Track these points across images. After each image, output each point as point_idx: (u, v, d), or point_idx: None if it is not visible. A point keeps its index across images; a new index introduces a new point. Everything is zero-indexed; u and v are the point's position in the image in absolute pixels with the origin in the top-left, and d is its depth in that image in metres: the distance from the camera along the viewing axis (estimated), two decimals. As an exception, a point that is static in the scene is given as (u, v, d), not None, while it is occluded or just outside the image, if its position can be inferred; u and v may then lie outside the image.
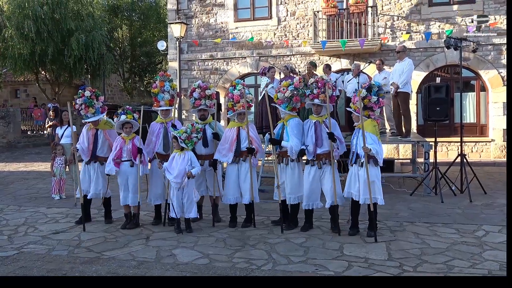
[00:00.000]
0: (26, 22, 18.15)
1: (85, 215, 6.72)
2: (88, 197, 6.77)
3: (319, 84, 6.08)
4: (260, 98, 12.20)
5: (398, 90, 9.31)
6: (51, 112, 13.48)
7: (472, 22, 13.21)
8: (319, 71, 12.02)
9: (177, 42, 13.75)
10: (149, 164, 6.82)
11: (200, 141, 6.42)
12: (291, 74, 10.08)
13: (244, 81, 16.06)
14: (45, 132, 13.39)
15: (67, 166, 9.14)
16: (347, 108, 6.37)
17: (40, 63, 20.13)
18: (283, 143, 6.16)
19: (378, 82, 6.07)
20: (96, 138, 6.74)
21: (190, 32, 16.02)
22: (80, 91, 6.69)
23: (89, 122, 6.73)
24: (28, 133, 21.28)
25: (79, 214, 7.26)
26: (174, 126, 6.50)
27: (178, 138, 6.05)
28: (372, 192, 5.67)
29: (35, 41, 18.58)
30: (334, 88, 6.29)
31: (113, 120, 6.83)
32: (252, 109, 9.37)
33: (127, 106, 6.77)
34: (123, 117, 6.39)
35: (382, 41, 14.04)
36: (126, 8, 27.88)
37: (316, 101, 6.10)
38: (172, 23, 13.99)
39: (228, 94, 6.54)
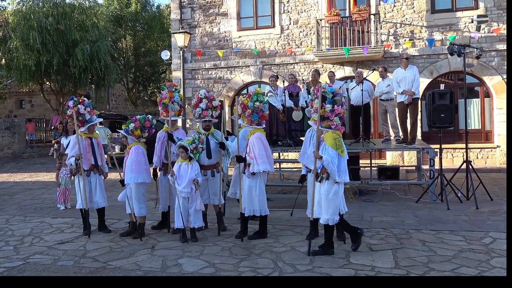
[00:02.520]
0: (31, 33, 18.30)
1: (87, 224, 6.72)
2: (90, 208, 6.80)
3: (315, 92, 5.77)
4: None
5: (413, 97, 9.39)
6: (58, 125, 13.37)
7: (472, 22, 13.23)
8: (323, 79, 12.05)
9: (180, 52, 13.82)
10: (158, 172, 6.93)
11: (204, 151, 6.47)
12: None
13: (247, 90, 16.13)
14: (51, 149, 13.27)
15: (72, 176, 9.15)
16: (308, 122, 6.14)
17: (45, 73, 20.26)
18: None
19: (333, 88, 5.59)
20: (93, 147, 6.83)
21: (194, 41, 16.12)
22: (74, 100, 6.80)
23: (92, 125, 6.86)
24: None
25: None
26: (171, 136, 6.53)
27: (188, 148, 6.08)
28: (324, 210, 5.35)
29: (40, 52, 18.72)
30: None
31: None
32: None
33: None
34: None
35: (385, 49, 14.06)
36: (130, 18, 28.09)
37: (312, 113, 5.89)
38: (176, 33, 14.07)
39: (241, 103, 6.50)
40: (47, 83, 22.26)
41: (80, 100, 6.84)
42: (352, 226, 5.73)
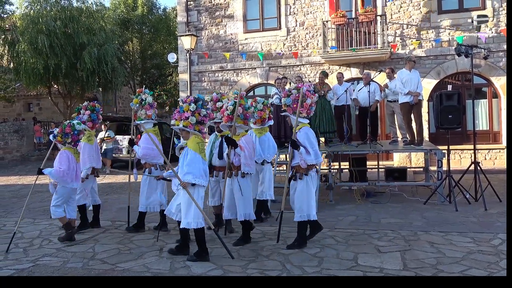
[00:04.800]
0: (39, 37, 18.43)
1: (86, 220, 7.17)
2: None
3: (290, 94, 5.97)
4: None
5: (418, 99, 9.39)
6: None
7: (473, 22, 13.17)
8: (330, 80, 12.04)
9: (187, 54, 13.87)
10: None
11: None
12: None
13: (254, 91, 16.16)
14: None
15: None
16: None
17: (53, 77, 20.40)
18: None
19: (201, 96, 5.67)
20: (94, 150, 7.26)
21: (200, 44, 16.17)
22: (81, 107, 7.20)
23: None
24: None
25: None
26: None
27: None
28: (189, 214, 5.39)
29: (48, 56, 18.85)
30: (312, 95, 5.95)
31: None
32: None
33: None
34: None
35: (392, 50, 14.03)
36: (136, 21, 28.19)
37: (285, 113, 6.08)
38: (182, 35, 14.14)
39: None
40: (55, 86, 22.41)
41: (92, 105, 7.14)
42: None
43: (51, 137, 6.64)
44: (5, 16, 22.21)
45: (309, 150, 5.73)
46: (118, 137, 15.77)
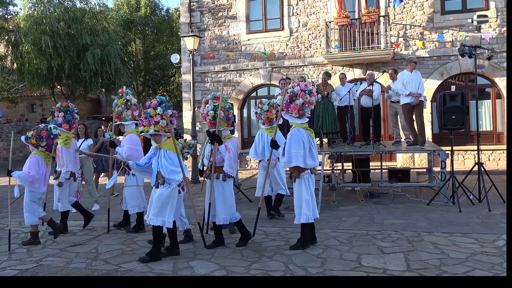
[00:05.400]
0: (43, 38, 18.48)
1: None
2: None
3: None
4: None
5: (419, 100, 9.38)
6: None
7: (472, 22, 13.12)
8: (333, 81, 12.03)
9: (190, 55, 13.87)
10: None
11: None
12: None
13: (257, 92, 16.17)
14: None
15: (83, 180, 9.25)
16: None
17: (56, 77, 20.45)
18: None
19: (162, 98, 5.61)
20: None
21: (203, 44, 16.18)
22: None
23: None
24: None
25: (96, 227, 7.37)
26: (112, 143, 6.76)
27: None
28: (158, 211, 5.41)
29: (52, 56, 18.90)
30: (307, 95, 5.85)
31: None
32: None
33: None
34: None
35: (395, 50, 14.01)
36: (139, 22, 28.22)
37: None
38: (185, 36, 14.13)
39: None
40: (58, 87, 22.47)
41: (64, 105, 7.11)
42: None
43: (22, 138, 6.53)
44: (9, 17, 22.28)
45: (285, 152, 5.77)
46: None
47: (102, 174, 10.94)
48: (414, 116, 9.69)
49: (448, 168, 8.54)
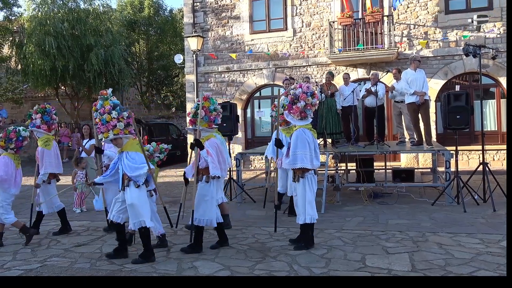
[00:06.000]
0: (47, 38, 18.54)
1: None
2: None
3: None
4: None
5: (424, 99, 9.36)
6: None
7: (472, 22, 13.08)
8: (336, 81, 12.01)
9: (193, 55, 13.89)
10: None
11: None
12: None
13: (260, 92, 16.16)
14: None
15: (88, 180, 9.25)
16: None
17: (60, 78, 20.51)
18: None
19: (116, 101, 5.52)
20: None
21: (207, 45, 16.20)
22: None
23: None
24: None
25: (100, 227, 7.38)
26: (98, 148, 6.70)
27: None
28: (134, 215, 5.38)
29: (56, 57, 18.96)
30: (310, 97, 5.80)
31: None
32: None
33: None
34: None
35: (399, 50, 13.98)
36: (143, 23, 28.31)
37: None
38: (189, 37, 14.17)
39: None
40: (63, 87, 22.53)
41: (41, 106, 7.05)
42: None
43: None
44: (13, 18, 22.37)
45: (290, 153, 5.75)
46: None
47: None
48: (419, 116, 9.66)
49: (453, 168, 8.51)
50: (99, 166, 6.70)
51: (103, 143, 6.66)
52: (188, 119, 6.36)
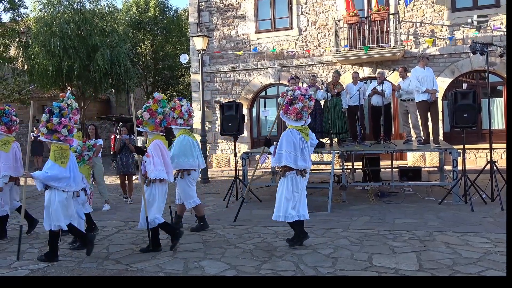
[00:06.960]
0: (53, 39, 18.62)
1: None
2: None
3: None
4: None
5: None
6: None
7: (472, 22, 12.98)
8: (343, 80, 11.96)
9: (199, 55, 13.89)
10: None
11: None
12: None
13: (266, 92, 16.13)
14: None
15: (94, 180, 9.28)
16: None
17: (66, 78, 20.58)
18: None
19: (59, 104, 5.60)
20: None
21: (212, 44, 16.20)
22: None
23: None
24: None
25: (107, 227, 7.39)
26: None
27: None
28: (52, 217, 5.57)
29: (61, 58, 19.03)
30: (307, 100, 5.90)
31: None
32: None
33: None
34: None
35: (405, 48, 13.90)
36: (148, 23, 28.34)
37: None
38: (194, 36, 14.15)
39: None
40: (69, 88, 22.61)
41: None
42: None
43: None
44: (19, 19, 22.46)
45: (276, 152, 5.87)
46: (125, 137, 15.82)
47: (134, 177, 10.70)
48: (429, 115, 9.58)
49: (460, 167, 8.45)
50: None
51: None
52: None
